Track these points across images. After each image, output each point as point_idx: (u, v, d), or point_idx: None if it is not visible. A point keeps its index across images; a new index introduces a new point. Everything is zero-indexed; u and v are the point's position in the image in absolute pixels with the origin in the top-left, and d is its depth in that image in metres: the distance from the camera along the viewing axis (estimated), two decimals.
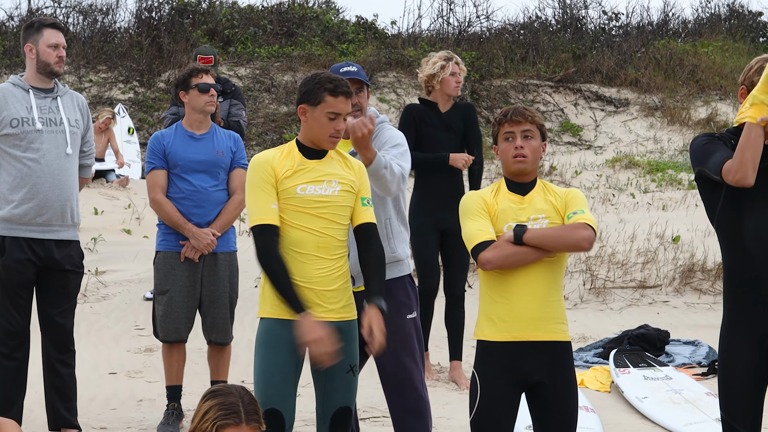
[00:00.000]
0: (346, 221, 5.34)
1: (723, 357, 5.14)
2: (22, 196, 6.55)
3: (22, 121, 6.56)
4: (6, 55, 21.36)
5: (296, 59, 22.32)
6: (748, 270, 5.05)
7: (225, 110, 9.22)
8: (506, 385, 5.07)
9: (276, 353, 5.25)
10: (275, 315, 5.24)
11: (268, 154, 5.36)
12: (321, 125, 5.29)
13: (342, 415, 5.37)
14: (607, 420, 7.84)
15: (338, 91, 5.30)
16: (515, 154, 5.16)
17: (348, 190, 5.34)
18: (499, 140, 5.22)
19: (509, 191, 5.22)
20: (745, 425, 5.12)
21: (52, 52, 6.66)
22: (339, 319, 5.29)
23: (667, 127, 21.52)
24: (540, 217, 5.15)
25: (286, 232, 5.24)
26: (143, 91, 21.02)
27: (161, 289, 7.34)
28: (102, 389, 8.36)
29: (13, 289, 6.57)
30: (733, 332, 5.11)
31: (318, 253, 5.24)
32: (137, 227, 14.37)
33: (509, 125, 5.18)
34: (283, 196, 5.25)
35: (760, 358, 5.08)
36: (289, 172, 5.27)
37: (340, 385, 5.35)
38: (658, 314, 11.03)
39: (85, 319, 10.19)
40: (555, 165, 19.37)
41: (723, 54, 24.02)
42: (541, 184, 5.28)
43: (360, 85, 5.88)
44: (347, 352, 5.34)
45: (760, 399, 5.14)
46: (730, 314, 5.14)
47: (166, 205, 7.29)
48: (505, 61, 23.07)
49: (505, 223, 5.13)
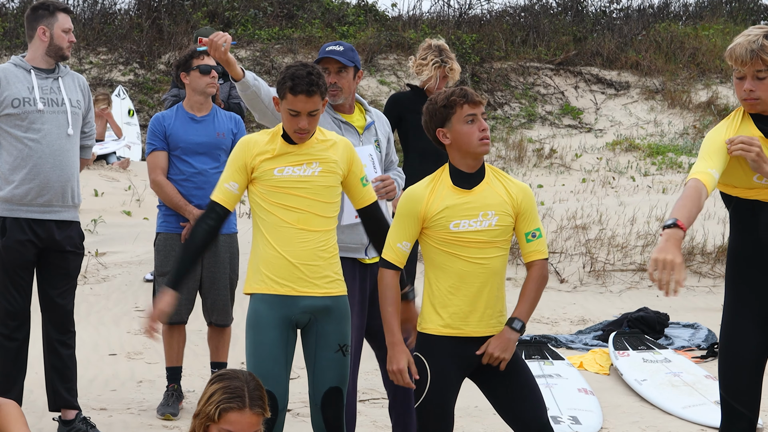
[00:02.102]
0: (331, 199, 5.35)
1: (724, 336, 5.17)
2: (22, 177, 6.54)
3: (23, 101, 6.56)
4: (6, 37, 21.31)
5: (296, 41, 22.28)
6: (757, 255, 5.08)
7: (225, 92, 9.22)
8: (453, 371, 5.07)
9: (264, 333, 5.27)
10: (259, 290, 5.28)
11: (254, 136, 5.44)
12: (286, 119, 5.34)
13: (332, 396, 5.34)
14: (606, 402, 7.86)
15: (297, 89, 5.26)
16: (482, 136, 5.05)
17: (330, 171, 5.35)
18: (454, 122, 5.06)
19: (454, 186, 5.10)
20: (744, 404, 5.14)
21: (65, 36, 6.67)
22: (324, 294, 5.29)
23: (668, 110, 21.49)
24: (490, 213, 5.05)
25: (270, 210, 5.29)
26: (143, 73, 20.99)
27: (162, 270, 7.35)
28: (102, 370, 8.37)
29: (14, 270, 6.57)
30: (735, 312, 5.14)
31: (301, 225, 5.27)
32: (137, 209, 14.37)
33: (471, 107, 5.05)
34: (263, 178, 5.31)
35: (762, 339, 5.11)
36: (270, 156, 5.32)
37: (329, 364, 5.34)
38: (658, 297, 11.03)
39: (86, 301, 10.20)
40: (555, 148, 19.36)
41: (724, 37, 23.97)
42: (491, 172, 5.15)
43: (339, 65, 5.94)
44: (336, 332, 5.34)
45: (759, 379, 5.16)
46: (732, 294, 5.16)
47: (167, 186, 7.30)
48: (506, 44, 23.03)
49: (451, 222, 5.03)
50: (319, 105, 5.31)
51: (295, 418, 7.22)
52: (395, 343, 5.09)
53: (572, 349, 9.37)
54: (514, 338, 5.05)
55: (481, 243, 5.03)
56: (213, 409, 4.25)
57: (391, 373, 5.08)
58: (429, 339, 5.08)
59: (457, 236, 5.02)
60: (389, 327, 5.11)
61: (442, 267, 5.06)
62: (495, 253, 5.06)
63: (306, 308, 5.27)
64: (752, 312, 5.10)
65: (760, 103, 4.99)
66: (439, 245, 5.06)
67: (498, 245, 5.07)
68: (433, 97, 5.14)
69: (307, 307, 5.28)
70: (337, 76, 6.00)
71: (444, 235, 5.04)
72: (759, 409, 5.19)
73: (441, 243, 5.05)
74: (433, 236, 5.07)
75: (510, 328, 5.06)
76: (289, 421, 7.06)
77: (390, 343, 5.10)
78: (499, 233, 5.06)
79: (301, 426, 7.01)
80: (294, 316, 5.27)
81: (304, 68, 5.29)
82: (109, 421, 7.12)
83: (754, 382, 5.15)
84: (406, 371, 5.04)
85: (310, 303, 5.27)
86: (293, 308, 5.22)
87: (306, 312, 5.29)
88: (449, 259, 5.05)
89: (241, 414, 4.26)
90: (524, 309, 5.11)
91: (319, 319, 5.32)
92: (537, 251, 5.13)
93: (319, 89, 5.29)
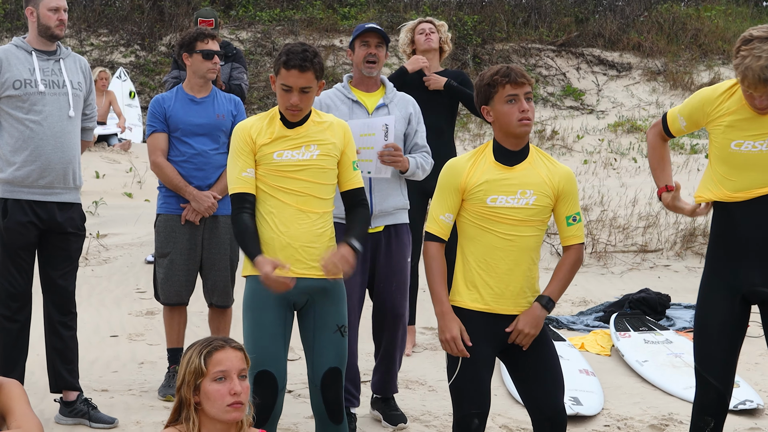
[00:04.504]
0: (329, 181, 5.40)
1: (698, 309, 5.29)
2: (24, 159, 6.54)
3: (24, 83, 6.54)
4: (7, 19, 21.29)
5: (298, 23, 22.25)
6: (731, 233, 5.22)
7: (226, 74, 9.20)
8: (485, 349, 5.07)
9: (262, 313, 5.30)
10: (256, 272, 5.29)
11: (249, 122, 5.48)
12: (279, 95, 5.40)
13: (332, 376, 5.36)
14: (608, 383, 7.87)
15: (290, 64, 5.31)
16: (521, 117, 5.04)
17: (328, 154, 5.40)
18: (497, 102, 5.06)
19: (496, 161, 5.11)
20: (717, 377, 5.19)
21: (52, 15, 6.63)
22: (322, 276, 5.31)
23: (670, 91, 21.46)
24: (528, 192, 5.06)
25: (270, 192, 5.34)
26: (144, 55, 20.97)
27: (162, 251, 7.35)
28: (103, 352, 8.38)
29: (15, 252, 6.57)
30: (709, 287, 5.23)
31: (300, 206, 5.31)
32: (138, 191, 14.37)
33: (513, 87, 5.04)
34: (263, 162, 5.36)
35: (735, 313, 5.18)
36: (268, 140, 5.38)
37: (327, 345, 5.35)
38: (659, 278, 11.04)
39: (87, 283, 10.21)
40: (557, 129, 19.33)
41: (726, 18, 23.95)
42: (535, 152, 5.17)
43: (379, 39, 6.61)
44: (334, 313, 5.36)
45: (733, 353, 5.23)
46: (708, 269, 5.29)
47: (167, 167, 7.29)
48: (508, 25, 22.99)
49: (489, 196, 5.04)
50: (313, 83, 5.34)
51: (296, 399, 7.23)
52: (445, 312, 5.06)
53: (573, 330, 9.38)
54: (542, 315, 5.08)
55: (516, 221, 5.05)
56: (197, 362, 4.29)
57: (444, 342, 5.05)
58: (461, 313, 5.08)
59: (493, 211, 5.04)
60: (438, 297, 5.09)
61: (474, 240, 5.08)
62: (528, 232, 5.07)
63: (304, 289, 5.29)
64: (726, 287, 5.18)
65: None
66: (474, 219, 5.08)
67: (532, 225, 5.08)
68: (482, 74, 5.18)
69: (305, 289, 5.29)
70: (377, 49, 6.62)
71: (480, 209, 5.05)
72: (732, 381, 5.27)
73: (476, 217, 5.07)
74: (470, 209, 5.09)
75: (540, 305, 5.08)
76: (290, 402, 7.07)
77: (439, 313, 5.08)
78: (535, 213, 5.07)
79: (302, 407, 7.01)
80: (292, 296, 5.28)
81: (300, 46, 5.34)
82: (110, 402, 7.13)
83: (727, 356, 5.21)
84: (459, 338, 5.01)
85: (308, 284, 5.29)
86: (291, 289, 5.23)
87: (304, 293, 5.31)
88: (481, 233, 5.07)
89: (224, 351, 4.31)
90: (556, 288, 5.15)
91: (317, 301, 5.34)
92: (575, 236, 5.17)
93: (313, 66, 5.32)
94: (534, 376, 5.10)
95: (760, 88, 4.97)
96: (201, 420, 4.32)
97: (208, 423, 4.31)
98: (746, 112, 5.17)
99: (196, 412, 4.31)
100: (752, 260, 5.17)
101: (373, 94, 6.70)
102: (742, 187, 5.20)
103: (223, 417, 4.28)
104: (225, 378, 4.28)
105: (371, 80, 6.71)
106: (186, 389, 4.32)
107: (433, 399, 7.44)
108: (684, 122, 5.47)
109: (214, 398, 4.27)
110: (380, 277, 6.65)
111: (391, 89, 6.75)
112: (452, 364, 5.06)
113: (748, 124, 5.15)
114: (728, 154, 5.20)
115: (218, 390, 4.27)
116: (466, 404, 5.04)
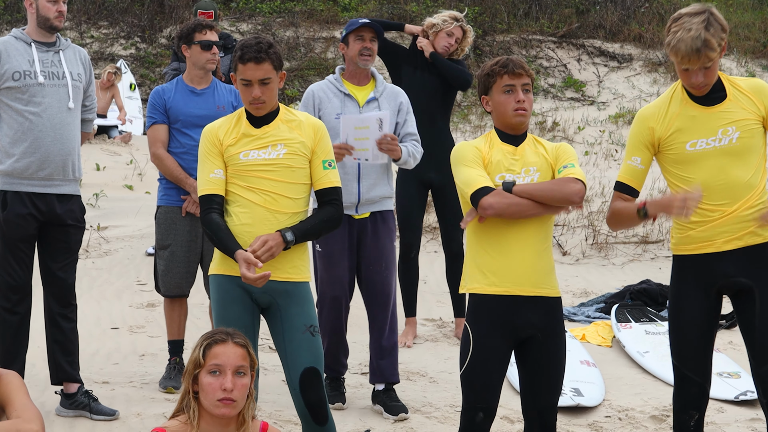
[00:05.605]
0: (299, 180, 5.39)
1: (671, 303, 5.26)
2: (23, 150, 6.53)
3: (24, 74, 6.53)
4: (7, 11, 21.27)
5: (298, 15, 22.22)
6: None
7: (226, 65, 9.20)
8: (499, 339, 5.05)
9: (228, 308, 5.34)
10: (221, 271, 5.36)
11: (217, 123, 5.51)
12: (242, 92, 5.44)
13: (309, 377, 5.33)
14: (609, 374, 7.87)
15: (246, 57, 5.33)
16: (517, 107, 5.12)
17: (296, 153, 5.40)
18: (494, 92, 5.14)
19: (502, 142, 5.18)
20: (694, 371, 5.19)
21: (51, 6, 6.62)
22: (285, 279, 5.35)
23: (671, 82, 21.42)
24: (531, 169, 5.12)
25: (239, 193, 5.35)
26: (145, 47, 20.94)
27: (162, 243, 7.34)
28: (104, 344, 8.38)
29: (15, 244, 6.56)
30: (680, 279, 5.22)
31: (269, 206, 5.32)
32: (139, 183, 14.36)
33: (510, 78, 5.11)
34: (230, 163, 5.38)
35: (706, 305, 5.17)
36: (234, 140, 5.40)
37: (299, 346, 5.34)
38: (660, 269, 11.04)
39: (87, 275, 10.21)
40: (558, 121, 19.32)
41: (727, 9, 23.90)
42: (531, 137, 5.24)
43: (373, 34, 6.97)
44: (300, 314, 5.36)
45: (709, 345, 5.23)
46: (679, 263, 5.29)
47: (167, 159, 7.28)
48: (508, 17, 22.96)
49: (498, 173, 5.09)
50: (271, 74, 5.34)
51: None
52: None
53: (575, 321, 9.38)
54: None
55: None
56: (197, 353, 4.31)
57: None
58: (475, 299, 5.08)
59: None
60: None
61: (484, 224, 5.07)
62: None
63: (266, 289, 5.31)
64: (696, 279, 5.17)
65: (708, 86, 5.12)
66: None
67: None
68: (483, 65, 5.23)
69: (268, 289, 5.31)
70: (371, 42, 6.99)
71: None
72: (710, 374, 5.24)
73: None
74: None
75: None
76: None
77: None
78: None
79: None
80: (254, 293, 5.32)
81: (254, 38, 5.37)
82: (111, 394, 7.13)
83: (703, 349, 5.21)
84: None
85: (271, 286, 5.30)
86: (254, 287, 5.28)
87: (266, 293, 5.33)
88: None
89: (224, 346, 4.32)
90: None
91: (281, 304, 5.36)
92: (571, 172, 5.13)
93: (269, 57, 5.33)
94: (537, 370, 5.10)
95: (693, 60, 4.98)
96: (200, 409, 4.32)
97: (206, 413, 4.32)
98: (691, 109, 5.18)
99: (196, 402, 4.32)
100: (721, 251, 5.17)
101: (364, 88, 7.02)
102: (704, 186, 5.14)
103: (213, 411, 4.28)
104: (219, 372, 4.28)
105: (363, 73, 7.03)
106: (187, 377, 4.33)
107: (434, 390, 7.44)
108: (638, 159, 5.34)
109: (207, 391, 4.29)
110: (369, 260, 6.92)
111: (381, 82, 7.06)
112: (464, 353, 5.07)
113: (695, 122, 5.15)
114: (686, 157, 5.18)
115: (211, 383, 4.28)
116: (472, 397, 5.04)
